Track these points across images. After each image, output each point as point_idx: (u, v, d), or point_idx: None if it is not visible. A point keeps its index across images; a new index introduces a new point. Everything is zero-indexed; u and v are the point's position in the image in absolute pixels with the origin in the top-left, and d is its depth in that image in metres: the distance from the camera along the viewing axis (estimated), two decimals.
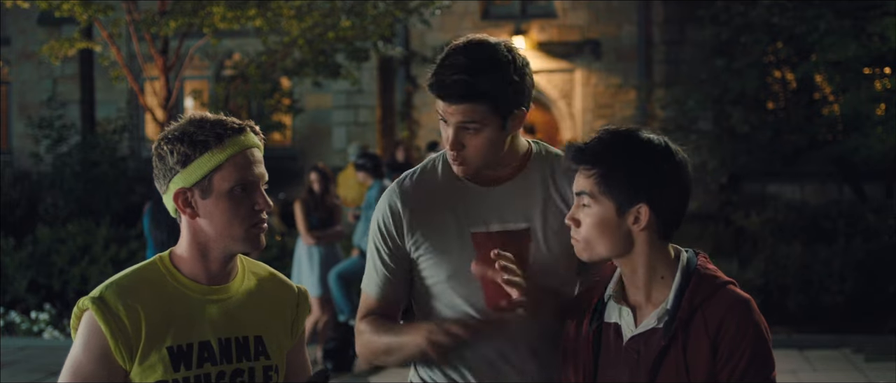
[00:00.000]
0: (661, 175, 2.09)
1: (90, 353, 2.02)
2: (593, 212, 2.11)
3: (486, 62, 2.26)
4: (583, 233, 2.13)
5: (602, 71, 15.12)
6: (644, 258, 2.13)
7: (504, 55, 2.29)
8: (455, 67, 2.26)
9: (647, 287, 2.14)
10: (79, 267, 10.29)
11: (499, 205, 2.42)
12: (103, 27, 9.46)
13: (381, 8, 10.52)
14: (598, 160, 2.09)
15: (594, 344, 2.19)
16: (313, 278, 8.23)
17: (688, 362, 2.05)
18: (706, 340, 2.05)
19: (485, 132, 2.30)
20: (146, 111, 9.83)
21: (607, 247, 2.12)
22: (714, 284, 2.10)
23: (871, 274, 9.55)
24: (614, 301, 2.18)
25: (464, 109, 2.27)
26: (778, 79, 13.22)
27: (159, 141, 2.08)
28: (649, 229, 2.10)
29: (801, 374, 7.87)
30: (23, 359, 8.93)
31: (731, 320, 2.04)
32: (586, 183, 2.11)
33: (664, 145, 2.11)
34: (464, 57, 2.27)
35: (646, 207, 2.08)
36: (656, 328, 2.10)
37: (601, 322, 2.19)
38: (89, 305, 2.02)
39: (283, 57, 10.77)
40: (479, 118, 2.28)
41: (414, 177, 2.49)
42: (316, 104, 15.36)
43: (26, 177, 13.71)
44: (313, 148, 15.49)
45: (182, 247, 2.12)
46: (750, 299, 2.09)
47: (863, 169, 12.37)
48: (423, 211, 2.43)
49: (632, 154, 2.09)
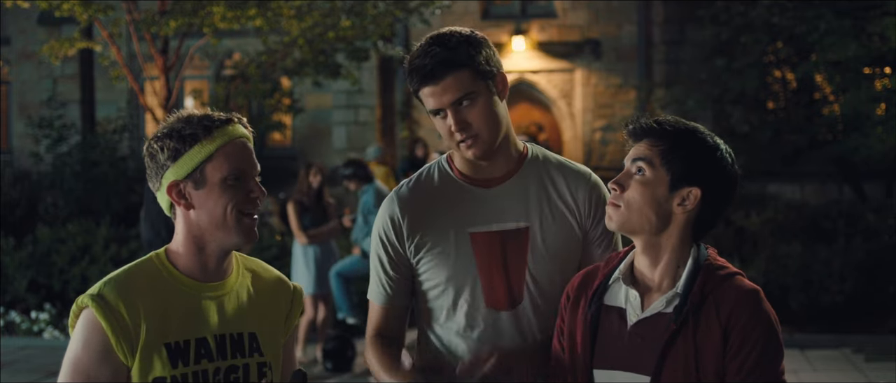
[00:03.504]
0: (719, 169, 2.12)
1: (91, 351, 2.01)
2: (646, 179, 2.12)
3: (452, 39, 2.38)
4: (626, 197, 2.13)
5: (602, 71, 15.13)
6: (672, 245, 2.14)
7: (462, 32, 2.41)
8: (428, 52, 2.36)
9: (663, 274, 2.15)
10: (79, 267, 10.29)
11: (497, 205, 2.44)
12: (103, 27, 9.45)
13: (381, 8, 10.52)
14: (669, 135, 2.13)
15: (591, 327, 2.19)
16: (309, 276, 8.22)
17: (697, 347, 2.06)
18: (717, 326, 2.06)
19: (480, 101, 2.37)
20: (146, 111, 9.83)
21: (644, 219, 2.13)
22: (725, 273, 2.13)
23: (871, 274, 9.55)
24: (623, 282, 2.18)
25: (452, 82, 2.34)
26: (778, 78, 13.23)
27: (149, 141, 2.11)
28: (689, 216, 2.12)
29: (801, 374, 7.87)
30: (23, 359, 8.93)
31: (742, 309, 2.06)
32: (649, 151, 2.13)
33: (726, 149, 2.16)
34: (432, 41, 2.38)
35: (697, 191, 2.11)
36: (663, 312, 2.10)
37: (601, 304, 2.20)
38: (89, 302, 2.01)
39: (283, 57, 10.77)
40: (468, 86, 2.35)
41: (411, 183, 2.53)
42: (316, 104, 15.37)
43: (26, 177, 13.71)
44: (313, 148, 15.49)
45: (177, 243, 2.12)
46: (759, 289, 2.11)
47: (863, 169, 12.37)
48: (420, 215, 2.46)
49: (702, 141, 2.13)
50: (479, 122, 2.37)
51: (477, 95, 2.36)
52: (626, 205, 2.13)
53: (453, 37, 2.38)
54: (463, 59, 2.35)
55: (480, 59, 2.37)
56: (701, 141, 2.13)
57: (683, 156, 2.11)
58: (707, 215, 2.14)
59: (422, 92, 2.38)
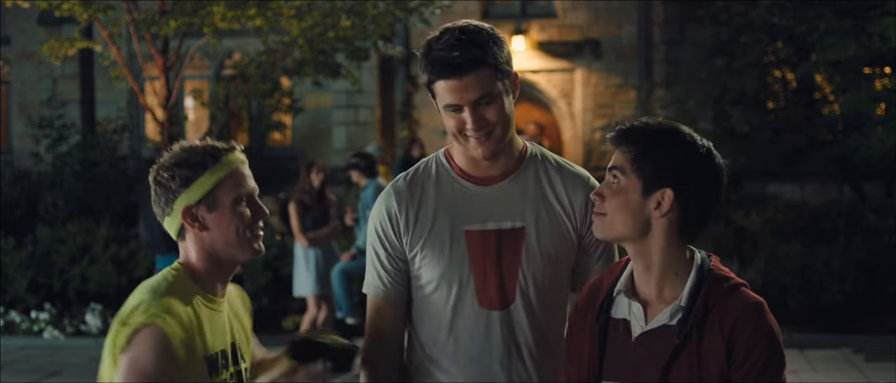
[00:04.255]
0: (693, 168, 2.11)
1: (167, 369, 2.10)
2: (620, 187, 2.13)
3: (481, 34, 2.36)
4: (606, 206, 2.15)
5: (602, 71, 15.12)
6: (660, 248, 2.13)
7: (481, 25, 2.39)
8: (456, 45, 2.31)
9: (660, 282, 2.15)
10: (79, 267, 10.29)
11: (493, 203, 2.43)
12: (103, 27, 9.45)
13: (381, 7, 10.52)
14: (637, 141, 2.12)
15: (599, 340, 2.19)
16: (310, 277, 8.25)
17: (701, 360, 2.06)
18: (721, 340, 2.06)
19: (498, 101, 2.35)
20: (146, 111, 9.83)
21: (625, 226, 2.13)
22: (729, 285, 2.12)
23: (871, 274, 9.55)
24: (625, 295, 2.18)
25: (475, 79, 2.31)
26: (778, 78, 13.22)
27: (157, 170, 2.28)
28: (669, 218, 2.11)
29: (801, 374, 7.87)
30: (23, 359, 8.93)
31: (746, 322, 2.06)
32: (621, 158, 2.14)
33: (706, 149, 2.13)
34: (460, 34, 2.34)
35: (670, 193, 2.10)
36: (668, 325, 2.10)
37: (608, 317, 2.20)
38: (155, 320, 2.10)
39: (284, 56, 10.77)
40: (489, 86, 2.33)
41: (408, 177, 2.51)
42: (316, 104, 15.35)
43: (26, 177, 13.71)
44: (313, 147, 15.47)
45: (193, 262, 2.30)
46: (763, 302, 2.11)
47: (863, 169, 12.37)
48: (418, 210, 2.46)
49: (671, 141, 2.12)
50: (495, 122, 2.36)
51: (496, 95, 2.34)
52: (607, 214, 2.15)
53: (481, 33, 2.36)
54: (490, 59, 2.33)
55: (502, 58, 2.36)
56: (674, 141, 2.12)
57: (654, 160, 2.10)
58: (690, 215, 2.13)
59: (439, 83, 2.34)
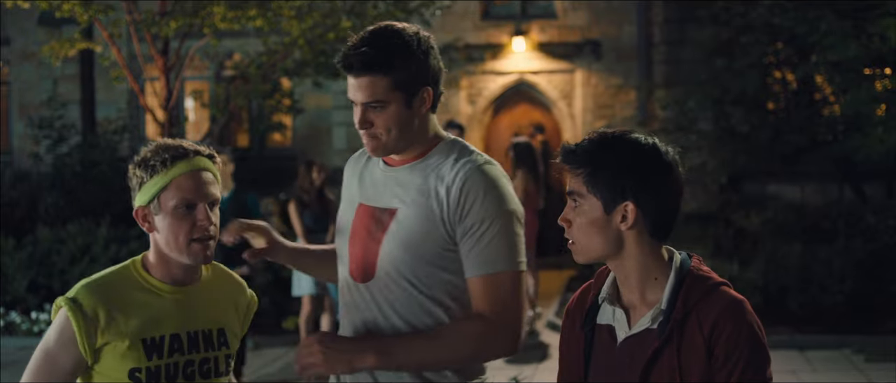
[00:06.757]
0: (647, 174, 2.09)
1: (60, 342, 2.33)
2: (582, 210, 2.13)
3: (388, 37, 2.38)
4: (574, 232, 2.15)
5: (602, 71, 15.12)
6: (635, 258, 2.13)
7: (408, 34, 2.40)
8: (360, 42, 2.38)
9: (640, 288, 2.14)
10: (79, 267, 10.29)
11: (386, 184, 2.52)
12: (103, 27, 9.45)
13: (382, 8, 10.52)
14: (585, 160, 2.12)
15: (586, 346, 2.19)
16: (307, 276, 8.23)
17: (681, 363, 2.05)
18: (701, 341, 2.04)
19: (389, 109, 2.39)
20: (147, 111, 9.83)
21: (598, 247, 2.13)
22: (708, 285, 2.11)
23: (871, 274, 9.55)
24: (608, 302, 2.18)
25: (367, 83, 2.37)
26: (778, 79, 13.22)
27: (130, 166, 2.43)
28: (638, 228, 2.11)
29: (801, 374, 7.87)
30: (23, 359, 8.90)
31: (726, 321, 2.04)
32: (575, 182, 2.13)
33: (651, 145, 2.12)
34: (369, 34, 2.39)
35: (632, 205, 2.09)
36: (650, 329, 2.10)
37: (594, 324, 2.20)
38: (64, 305, 2.32)
39: (284, 57, 10.76)
40: (382, 94, 2.37)
41: (356, 153, 2.69)
42: (316, 104, 15.35)
43: (26, 177, 13.70)
44: (313, 148, 15.47)
45: (150, 254, 2.44)
46: (744, 300, 2.09)
47: (863, 169, 12.36)
48: (347, 180, 2.66)
49: (618, 153, 2.10)
50: (382, 128, 2.41)
51: (388, 105, 2.39)
52: (576, 239, 2.15)
53: (393, 38, 2.38)
54: (384, 68, 2.35)
55: (406, 67, 2.36)
56: (621, 152, 2.10)
57: (607, 177, 2.09)
58: (658, 218, 2.12)
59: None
